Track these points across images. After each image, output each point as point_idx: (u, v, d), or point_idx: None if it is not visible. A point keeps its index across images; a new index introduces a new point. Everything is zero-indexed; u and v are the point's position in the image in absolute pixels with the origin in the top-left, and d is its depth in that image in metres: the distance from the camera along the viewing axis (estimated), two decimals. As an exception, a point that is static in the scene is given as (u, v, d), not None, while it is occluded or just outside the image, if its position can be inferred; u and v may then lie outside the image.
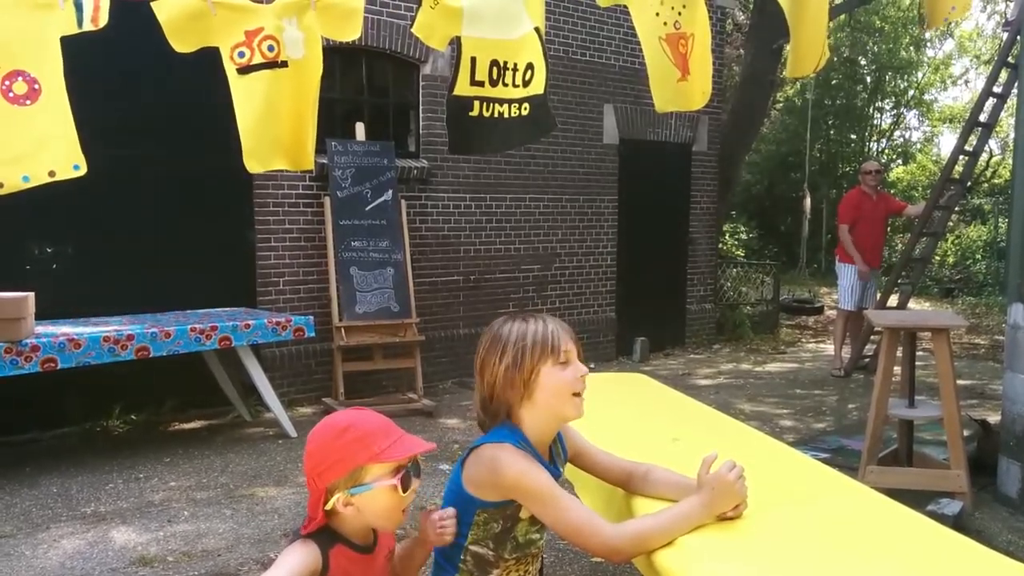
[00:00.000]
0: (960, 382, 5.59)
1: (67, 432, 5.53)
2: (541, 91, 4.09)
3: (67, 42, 3.34)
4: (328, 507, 1.53)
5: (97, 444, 5.40)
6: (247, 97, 3.72)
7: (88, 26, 3.31)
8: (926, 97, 20.81)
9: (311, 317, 5.68)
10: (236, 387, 5.96)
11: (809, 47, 4.79)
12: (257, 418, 6.06)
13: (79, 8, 3.31)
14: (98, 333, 4.61)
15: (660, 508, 1.75)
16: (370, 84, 7.05)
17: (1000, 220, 15.38)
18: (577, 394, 1.79)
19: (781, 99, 16.88)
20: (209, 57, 3.64)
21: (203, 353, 5.52)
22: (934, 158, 20.90)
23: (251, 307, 6.21)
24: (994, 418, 5.66)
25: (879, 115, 20.19)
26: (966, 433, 4.68)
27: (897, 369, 4.50)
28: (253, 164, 3.79)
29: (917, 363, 4.68)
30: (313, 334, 5.65)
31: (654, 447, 2.24)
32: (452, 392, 7.22)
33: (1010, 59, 7.53)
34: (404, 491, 1.55)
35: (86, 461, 4.99)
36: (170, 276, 5.87)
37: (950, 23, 16.52)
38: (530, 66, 4.17)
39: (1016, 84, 7.32)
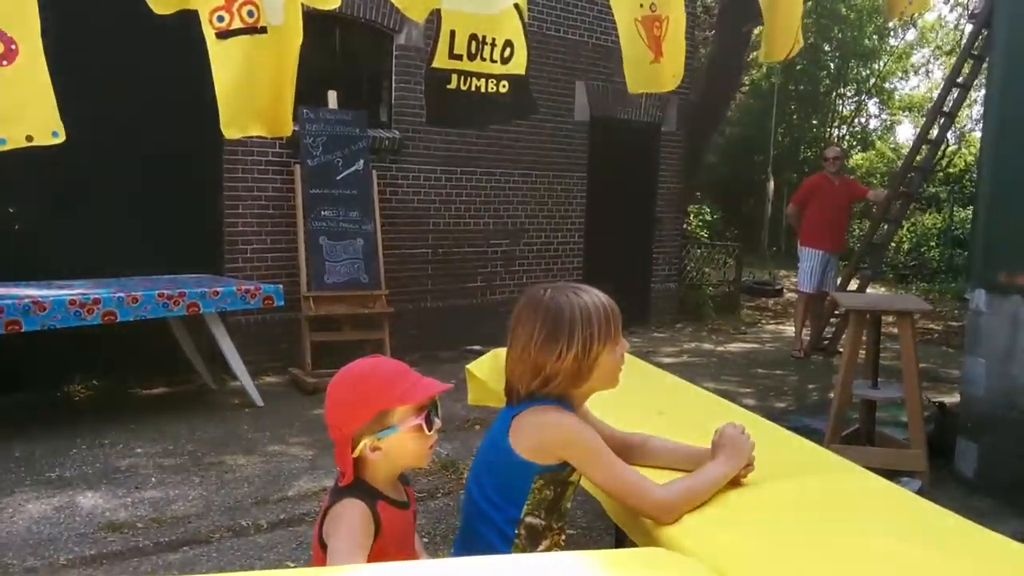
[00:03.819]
0: (916, 364, 5.75)
1: (27, 397, 5.41)
2: (522, 71, 4.08)
3: (42, 2, 3.24)
4: (356, 454, 1.55)
5: (59, 409, 5.31)
6: (225, 62, 3.65)
7: (65, -16, 3.22)
8: (886, 85, 21.15)
9: (280, 286, 5.62)
10: (201, 354, 5.89)
11: (783, 32, 4.83)
12: (223, 386, 6.00)
13: (56, -37, 3.21)
14: (63, 296, 4.51)
15: (662, 476, 1.79)
16: (343, 52, 6.95)
17: (954, 208, 15.75)
18: (620, 368, 1.79)
19: (747, 83, 17.05)
20: (183, 19, 3.56)
21: (168, 319, 5.44)
22: (892, 146, 21.29)
23: (218, 274, 6.13)
24: (949, 399, 5.84)
25: (841, 101, 20.47)
26: (924, 414, 4.82)
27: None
28: (231, 130, 3.72)
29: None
30: (282, 303, 5.59)
31: (641, 420, 2.27)
32: (419, 365, 7.13)
33: (974, 51, 7.67)
34: (429, 430, 1.58)
35: (48, 426, 4.90)
36: (136, 240, 5.77)
37: (912, 15, 16.77)
38: (509, 43, 4.16)
39: (984, 75, 7.48)
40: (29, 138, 3.24)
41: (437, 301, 7.73)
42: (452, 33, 4.04)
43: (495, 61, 4.16)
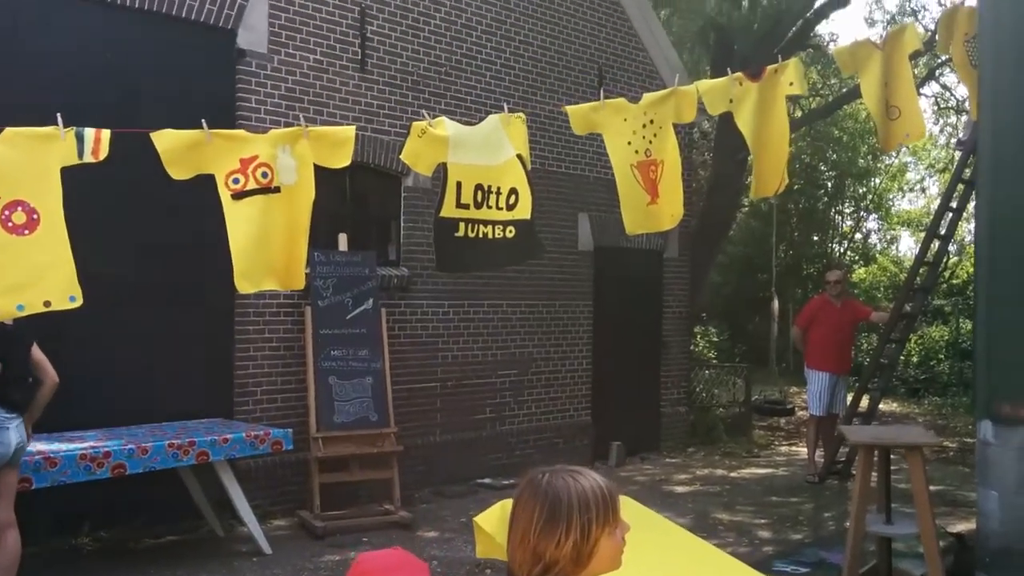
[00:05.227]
0: (931, 487, 5.66)
1: (36, 551, 5.35)
2: (527, 216, 4.24)
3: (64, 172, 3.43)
4: None
5: (66, 564, 5.24)
6: (240, 221, 3.82)
7: (88, 158, 3.42)
8: (884, 202, 21.58)
9: (290, 430, 5.65)
10: (210, 500, 5.86)
11: (771, 170, 4.99)
12: (230, 533, 5.94)
13: (80, 140, 3.42)
14: (74, 451, 4.55)
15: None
16: (353, 195, 7.22)
17: (960, 320, 15.77)
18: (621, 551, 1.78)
19: (746, 203, 17.46)
20: (198, 179, 3.75)
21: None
22: (894, 259, 21.54)
23: (228, 417, 6.17)
24: (967, 526, 5.73)
25: (840, 218, 20.86)
26: (941, 544, 4.72)
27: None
28: (245, 285, 3.87)
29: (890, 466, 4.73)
30: (291, 447, 5.62)
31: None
32: (429, 502, 7.13)
33: (964, 176, 7.91)
34: None
35: (55, 583, 4.84)
36: (147, 384, 5.84)
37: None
38: (514, 191, 4.34)
39: (972, 202, 7.67)
40: (47, 303, 3.37)
41: (446, 434, 7.72)
42: (458, 184, 4.23)
43: (501, 208, 4.33)
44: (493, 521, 3.35)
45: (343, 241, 6.75)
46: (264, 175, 3.92)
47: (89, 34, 5.74)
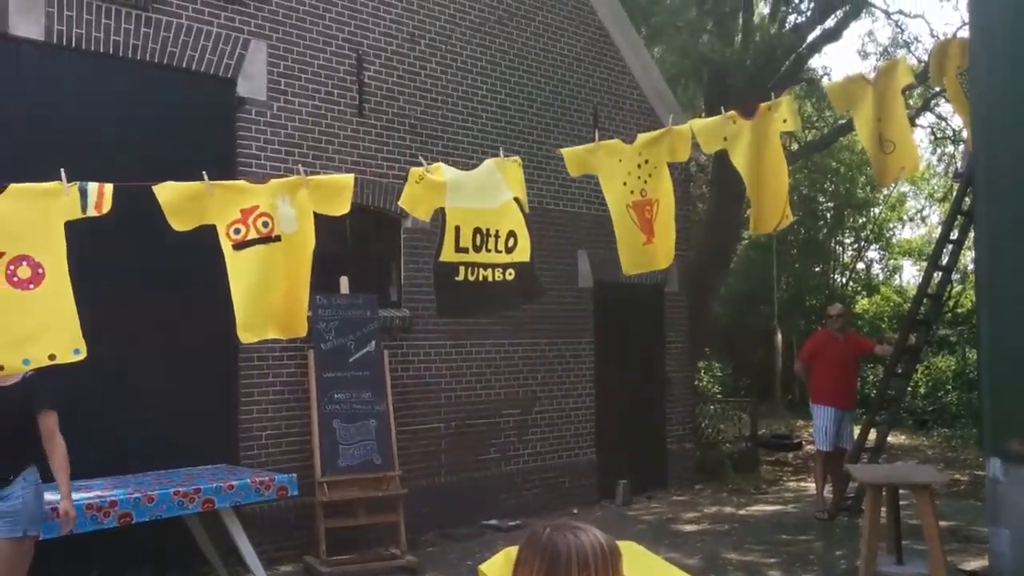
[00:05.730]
0: (942, 523, 5.58)
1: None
2: (526, 259, 4.26)
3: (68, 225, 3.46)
4: None
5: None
6: (242, 271, 3.85)
7: (92, 212, 3.46)
8: (884, 232, 21.61)
9: (294, 475, 5.62)
10: (216, 547, 5.81)
11: (770, 207, 5.02)
12: (236, 580, 5.88)
13: (84, 195, 3.46)
14: (80, 501, 4.53)
15: None
16: (354, 238, 7.26)
17: (967, 350, 15.68)
18: None
19: (746, 236, 17.49)
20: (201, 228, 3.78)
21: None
22: (897, 288, 21.51)
23: (233, 462, 6.15)
24: (980, 563, 5.65)
25: (841, 249, 20.87)
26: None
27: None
28: (247, 335, 3.89)
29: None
30: (296, 493, 5.59)
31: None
32: (435, 544, 7.07)
33: (963, 207, 7.93)
34: None
35: (57, 635, 4.79)
36: (152, 432, 5.81)
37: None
38: (512, 234, 4.37)
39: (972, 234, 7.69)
40: (52, 356, 3.39)
41: (451, 475, 7.68)
42: (457, 228, 4.26)
43: (500, 251, 4.35)
44: (497, 569, 3.31)
45: (344, 284, 6.78)
46: (265, 224, 3.96)
47: (91, 86, 5.82)
